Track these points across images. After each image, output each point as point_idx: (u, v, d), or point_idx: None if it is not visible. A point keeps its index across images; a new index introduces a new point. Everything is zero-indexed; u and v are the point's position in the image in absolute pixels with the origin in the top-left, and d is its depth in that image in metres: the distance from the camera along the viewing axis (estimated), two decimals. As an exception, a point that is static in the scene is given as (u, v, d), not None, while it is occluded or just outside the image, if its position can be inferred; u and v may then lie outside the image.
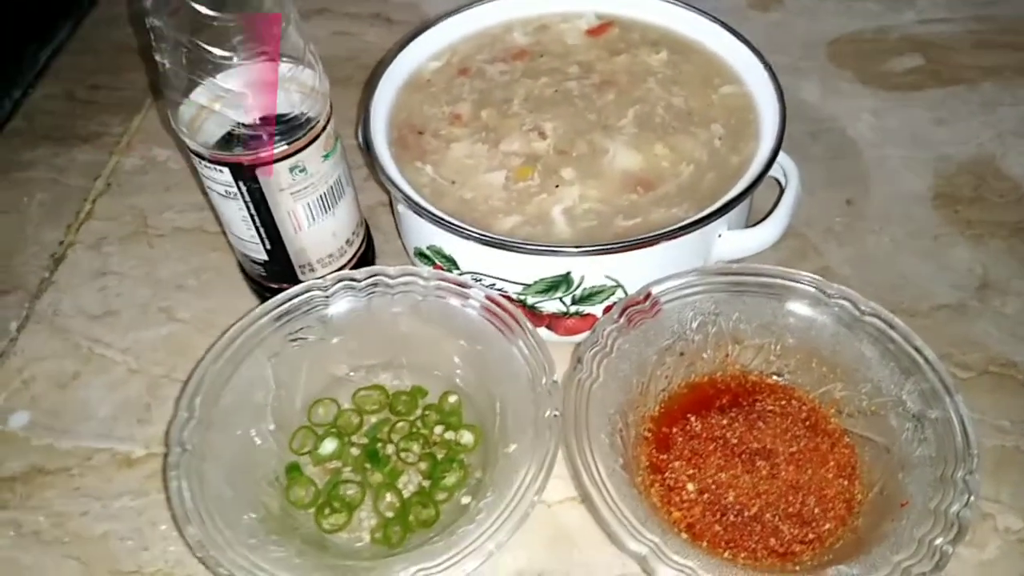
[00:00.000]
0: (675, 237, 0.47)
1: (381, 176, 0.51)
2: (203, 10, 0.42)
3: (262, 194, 0.49)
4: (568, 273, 0.49)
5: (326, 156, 0.50)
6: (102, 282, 0.63)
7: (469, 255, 0.50)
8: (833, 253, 0.62)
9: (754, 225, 0.52)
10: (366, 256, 0.59)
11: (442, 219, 0.48)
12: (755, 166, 0.50)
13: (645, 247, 0.47)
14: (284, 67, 0.46)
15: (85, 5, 0.87)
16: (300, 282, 0.53)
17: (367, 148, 0.52)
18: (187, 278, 0.63)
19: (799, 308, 0.49)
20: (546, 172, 0.53)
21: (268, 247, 0.53)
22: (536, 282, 0.50)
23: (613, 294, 0.50)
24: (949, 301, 0.58)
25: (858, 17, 0.80)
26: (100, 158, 0.72)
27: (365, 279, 0.51)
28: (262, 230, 0.52)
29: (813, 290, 0.49)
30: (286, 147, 0.47)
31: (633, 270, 0.49)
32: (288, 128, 0.47)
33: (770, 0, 0.83)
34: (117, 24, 0.85)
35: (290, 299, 0.50)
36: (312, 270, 0.55)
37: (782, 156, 0.54)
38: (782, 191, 0.54)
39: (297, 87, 0.47)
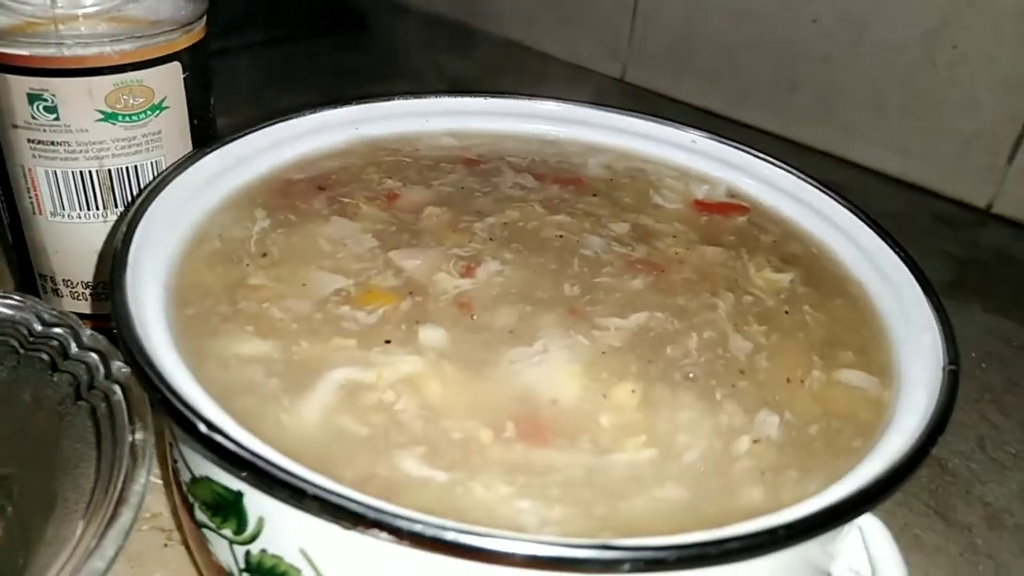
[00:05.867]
0: (467, 556, 0.18)
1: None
2: None
3: (-10, 118, 0.30)
4: (241, 497, 0.22)
5: (111, 117, 0.30)
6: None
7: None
8: None
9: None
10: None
11: (116, 271, 0.25)
12: (790, 513, 0.20)
13: (407, 541, 0.19)
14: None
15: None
16: (39, 297, 0.33)
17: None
18: None
19: None
20: (402, 318, 0.27)
21: (7, 219, 0.34)
22: (200, 480, 0.23)
23: (313, 601, 0.22)
24: None
25: None
26: None
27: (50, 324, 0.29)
28: (-3, 184, 0.33)
29: None
30: (23, 52, 0.28)
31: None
32: (30, 24, 0.28)
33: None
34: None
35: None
36: (57, 294, 0.34)
37: (878, 532, 0.22)
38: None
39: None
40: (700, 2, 0.73)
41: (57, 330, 0.30)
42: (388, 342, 0.26)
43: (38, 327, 0.30)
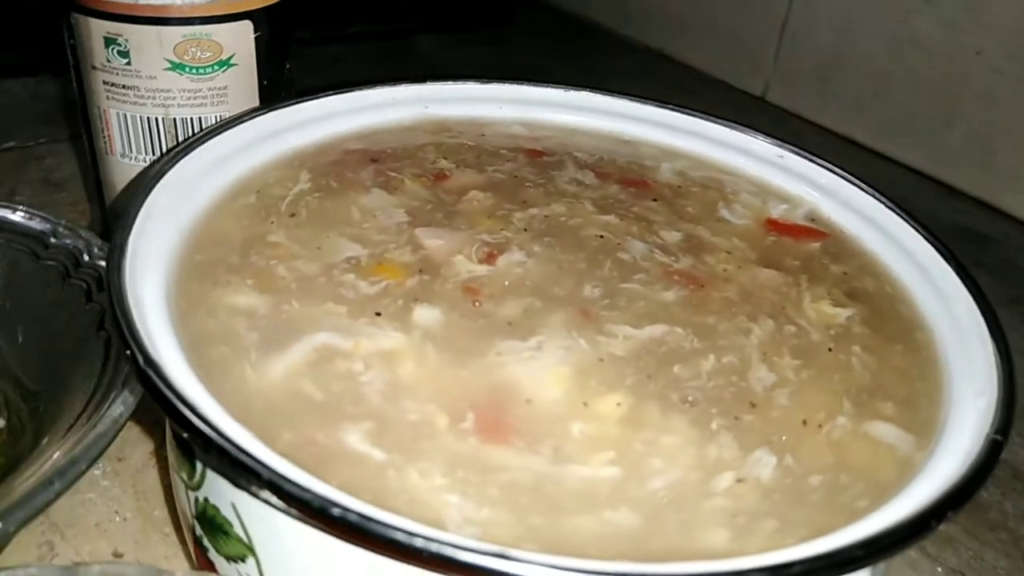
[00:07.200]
0: (350, 536, 0.17)
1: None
2: None
3: (77, 57, 0.32)
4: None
5: (179, 68, 0.31)
6: None
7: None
8: None
9: None
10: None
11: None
12: (733, 564, 0.17)
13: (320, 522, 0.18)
14: None
15: None
16: (106, 239, 0.35)
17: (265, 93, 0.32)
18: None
19: None
20: (403, 294, 0.26)
21: (90, 155, 0.36)
22: (170, 419, 0.23)
23: (244, 561, 0.21)
24: None
25: None
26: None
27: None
28: (82, 123, 0.35)
29: None
30: (102, -5, 0.30)
31: (286, 547, 0.20)
32: (115, -34, 0.30)
33: None
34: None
35: None
36: (124, 231, 0.36)
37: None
38: None
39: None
40: (854, 24, 0.68)
41: (101, 263, 0.31)
42: (378, 315, 0.25)
43: (86, 257, 0.31)
